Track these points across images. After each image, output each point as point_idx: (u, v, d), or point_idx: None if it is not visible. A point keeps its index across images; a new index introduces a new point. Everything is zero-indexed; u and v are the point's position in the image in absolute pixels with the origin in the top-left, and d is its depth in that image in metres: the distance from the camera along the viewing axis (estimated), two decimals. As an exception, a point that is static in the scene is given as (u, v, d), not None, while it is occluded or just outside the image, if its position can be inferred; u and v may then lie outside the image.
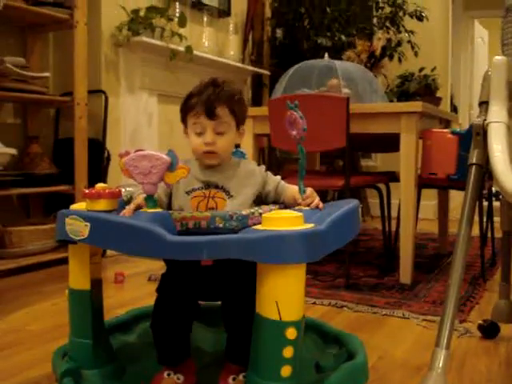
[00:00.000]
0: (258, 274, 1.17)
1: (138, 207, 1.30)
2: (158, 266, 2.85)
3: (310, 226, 1.17)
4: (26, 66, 2.93)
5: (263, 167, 1.48)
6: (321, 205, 1.39)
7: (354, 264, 2.98)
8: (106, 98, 3.28)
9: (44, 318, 2.14)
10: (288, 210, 1.27)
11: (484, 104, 1.56)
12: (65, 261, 2.77)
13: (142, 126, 3.66)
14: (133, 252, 1.22)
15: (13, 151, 2.82)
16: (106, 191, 1.34)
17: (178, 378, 1.38)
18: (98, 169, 3.18)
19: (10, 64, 2.75)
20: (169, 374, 1.39)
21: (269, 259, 1.12)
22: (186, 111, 1.43)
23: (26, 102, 3.14)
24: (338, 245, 1.27)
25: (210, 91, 1.39)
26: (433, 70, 4.26)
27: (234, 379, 1.37)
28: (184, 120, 1.45)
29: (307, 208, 1.37)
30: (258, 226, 1.19)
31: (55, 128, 3.38)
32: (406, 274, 2.65)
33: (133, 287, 2.63)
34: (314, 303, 2.32)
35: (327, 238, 1.18)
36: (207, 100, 1.38)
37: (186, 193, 1.40)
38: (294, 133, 1.37)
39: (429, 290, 2.55)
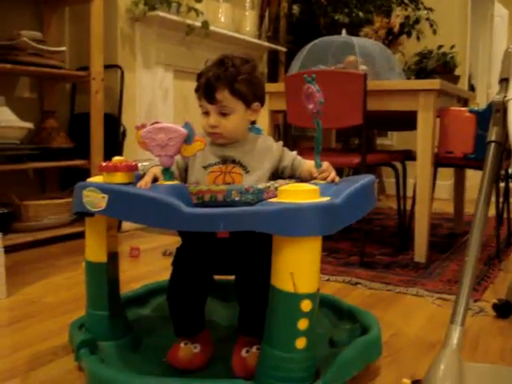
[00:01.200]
0: (273, 247, 1.17)
1: (155, 179, 1.30)
2: (172, 241, 2.88)
3: (325, 199, 1.17)
4: (43, 40, 2.92)
5: (280, 143, 1.48)
6: (337, 179, 1.39)
7: (369, 242, 2.98)
8: (122, 73, 3.27)
9: (59, 291, 2.16)
10: (304, 184, 1.26)
11: (504, 81, 1.54)
12: (80, 235, 2.84)
13: (158, 102, 3.65)
14: (150, 223, 1.23)
15: (29, 125, 2.84)
16: (123, 164, 1.34)
17: (195, 347, 1.40)
18: (114, 144, 3.18)
19: (27, 38, 2.75)
20: (186, 344, 1.41)
21: (284, 232, 1.12)
22: (196, 90, 1.42)
23: (43, 77, 3.14)
24: (353, 218, 1.27)
25: (212, 73, 1.37)
26: (451, 48, 4.20)
27: (247, 351, 1.38)
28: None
29: (323, 182, 1.37)
30: (274, 199, 1.18)
31: (71, 103, 3.39)
32: (420, 252, 2.64)
33: (148, 262, 2.64)
34: (328, 280, 2.32)
35: (343, 211, 1.18)
36: (206, 84, 1.36)
37: (203, 168, 1.40)
38: (311, 106, 1.36)
39: (443, 268, 2.54)
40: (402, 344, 1.68)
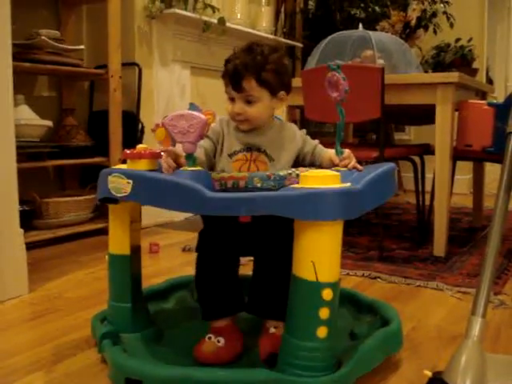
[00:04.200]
0: (295, 232, 1.19)
1: (177, 156, 1.31)
2: (191, 237, 2.89)
3: (346, 184, 1.19)
4: (61, 38, 2.94)
5: (304, 131, 1.49)
6: (358, 166, 1.40)
7: (387, 237, 2.97)
8: (140, 71, 3.29)
9: (81, 286, 2.18)
10: (325, 170, 1.29)
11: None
12: (99, 232, 2.87)
13: (175, 99, 3.67)
14: (173, 208, 1.25)
15: (49, 123, 2.86)
16: (147, 151, 1.37)
17: (219, 341, 1.40)
18: (133, 140, 3.18)
19: (46, 37, 2.76)
20: (210, 338, 1.41)
21: (305, 216, 1.14)
22: (222, 76, 1.42)
23: (61, 75, 3.16)
24: (373, 204, 1.30)
25: (239, 60, 1.36)
26: (469, 41, 4.16)
27: (275, 327, 1.40)
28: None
29: (344, 169, 1.38)
30: (296, 185, 1.21)
31: (90, 100, 3.41)
32: (440, 246, 2.63)
33: (167, 257, 2.66)
34: (348, 274, 2.32)
35: (363, 196, 1.20)
36: (233, 72, 1.36)
37: (229, 155, 1.41)
38: (335, 95, 1.37)
39: (463, 262, 2.53)
40: (422, 337, 1.68)
